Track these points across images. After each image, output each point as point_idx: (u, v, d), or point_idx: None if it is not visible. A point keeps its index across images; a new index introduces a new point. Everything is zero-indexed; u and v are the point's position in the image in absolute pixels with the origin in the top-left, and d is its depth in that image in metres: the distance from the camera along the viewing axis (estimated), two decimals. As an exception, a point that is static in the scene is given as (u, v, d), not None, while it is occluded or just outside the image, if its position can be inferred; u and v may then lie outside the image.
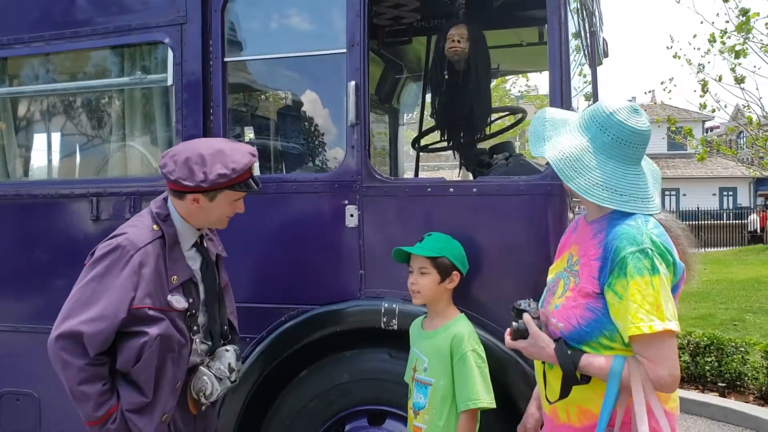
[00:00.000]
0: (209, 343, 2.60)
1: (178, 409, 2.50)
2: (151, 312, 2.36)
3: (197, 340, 2.54)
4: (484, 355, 2.72)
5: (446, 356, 2.70)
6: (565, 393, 2.11)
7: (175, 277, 2.44)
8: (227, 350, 2.60)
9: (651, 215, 2.10)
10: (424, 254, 2.76)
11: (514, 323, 2.21)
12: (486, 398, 2.64)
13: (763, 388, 6.02)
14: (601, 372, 2.03)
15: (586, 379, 2.08)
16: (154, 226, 2.46)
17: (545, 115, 2.23)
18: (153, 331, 2.35)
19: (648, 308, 1.95)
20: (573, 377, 2.07)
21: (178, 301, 2.44)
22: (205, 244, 2.64)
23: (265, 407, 3.27)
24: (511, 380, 2.89)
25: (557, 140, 2.14)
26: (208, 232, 2.71)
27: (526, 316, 2.19)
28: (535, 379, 2.46)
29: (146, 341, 2.35)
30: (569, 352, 2.09)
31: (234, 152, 2.47)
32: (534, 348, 2.17)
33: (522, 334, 2.19)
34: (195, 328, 2.51)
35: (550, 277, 2.37)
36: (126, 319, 2.32)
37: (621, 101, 2.12)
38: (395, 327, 3.03)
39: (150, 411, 2.40)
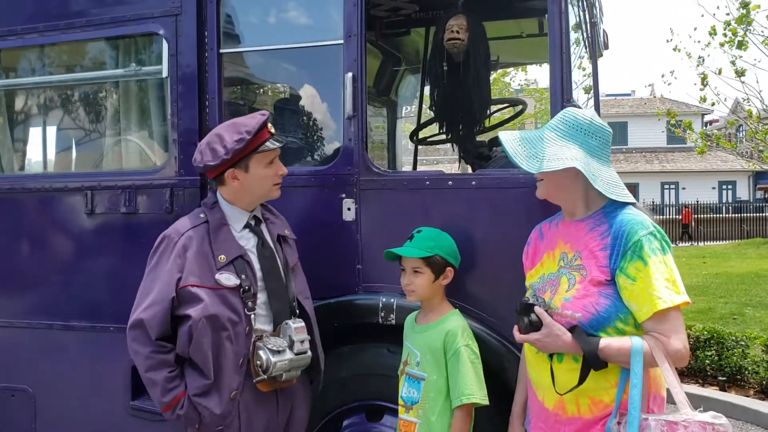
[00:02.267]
0: (272, 320, 2.68)
1: (249, 389, 2.60)
2: (196, 290, 2.51)
3: (254, 316, 2.60)
4: (477, 350, 2.70)
5: (440, 351, 2.69)
6: (583, 379, 2.16)
7: (223, 256, 2.58)
8: (287, 324, 2.67)
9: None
10: (416, 255, 2.73)
11: (525, 318, 2.23)
12: (479, 394, 2.62)
13: (764, 382, 6.00)
14: (621, 352, 2.10)
15: (604, 363, 2.14)
16: (201, 215, 2.66)
17: (513, 136, 2.36)
18: (197, 313, 2.49)
19: (666, 284, 2.11)
20: (595, 359, 2.13)
21: (228, 279, 2.56)
22: (261, 226, 2.76)
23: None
24: (511, 375, 2.85)
25: (555, 151, 2.23)
26: (270, 215, 2.84)
27: (538, 308, 2.22)
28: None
29: (191, 324, 2.49)
30: (587, 336, 2.16)
31: (244, 119, 2.65)
32: (549, 338, 2.20)
33: (535, 326, 2.21)
34: (250, 304, 2.59)
35: (532, 281, 2.43)
36: (176, 299, 2.51)
37: (585, 110, 2.38)
38: (393, 322, 3.00)
39: (216, 391, 2.53)
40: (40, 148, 4.11)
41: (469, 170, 4.14)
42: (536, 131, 2.36)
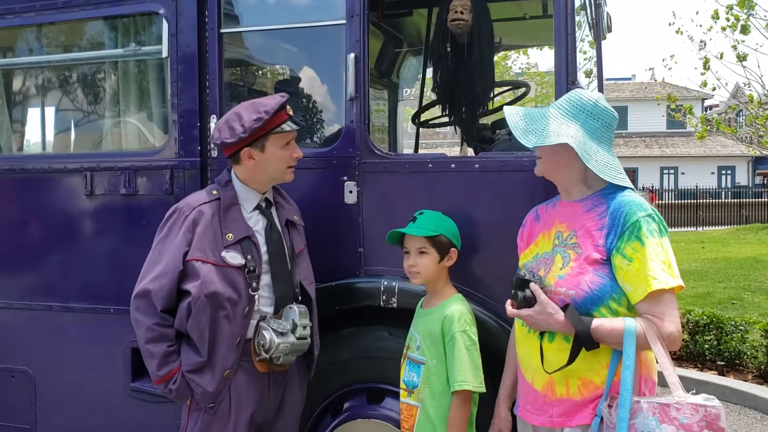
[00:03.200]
0: (274, 302, 2.69)
1: (242, 369, 2.62)
2: (201, 265, 2.53)
3: (257, 297, 2.62)
4: (475, 337, 2.68)
5: (438, 336, 2.68)
6: (573, 358, 2.16)
7: (231, 234, 2.59)
8: (291, 308, 2.68)
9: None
10: (423, 234, 2.72)
11: (519, 293, 2.23)
12: (473, 381, 2.60)
13: (762, 367, 6.02)
14: (613, 333, 2.12)
15: (595, 345, 2.14)
16: (214, 191, 2.67)
17: (517, 111, 2.36)
18: (197, 289, 2.50)
19: (662, 267, 2.12)
20: (588, 339, 2.13)
21: (234, 257, 2.57)
22: (271, 209, 2.77)
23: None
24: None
25: (555, 128, 2.23)
26: (281, 199, 2.85)
27: (533, 285, 2.22)
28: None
29: (191, 300, 2.51)
30: (580, 316, 2.16)
31: (264, 100, 2.67)
32: (542, 315, 2.20)
33: (529, 302, 2.22)
34: (254, 285, 2.59)
35: (526, 260, 2.43)
36: (183, 272, 2.53)
37: (592, 92, 2.37)
38: (395, 305, 2.99)
39: (210, 369, 2.56)
40: (39, 129, 4.08)
41: (471, 153, 4.12)
42: (542, 108, 2.36)
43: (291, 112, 2.69)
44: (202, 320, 2.51)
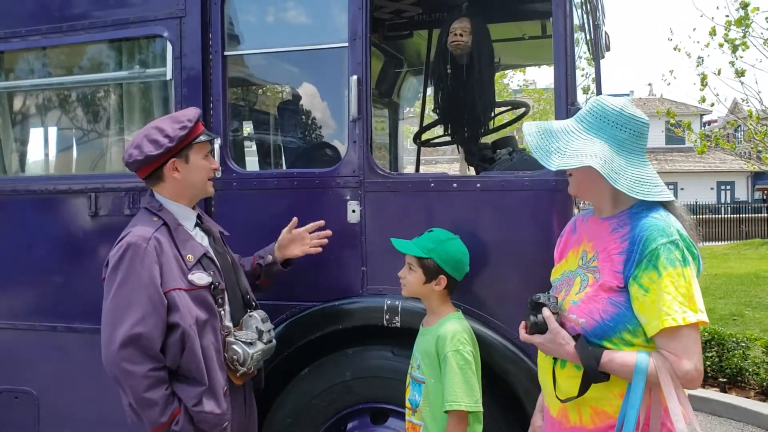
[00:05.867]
0: (232, 314, 2.68)
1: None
2: (178, 294, 2.45)
3: (222, 312, 2.61)
4: (469, 356, 2.62)
5: (434, 356, 2.67)
6: (583, 391, 2.05)
7: (190, 255, 2.54)
8: (251, 315, 2.68)
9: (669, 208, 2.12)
10: (410, 252, 2.72)
11: (531, 317, 2.14)
12: (465, 400, 2.55)
13: (764, 384, 6.00)
14: (624, 369, 1.99)
15: (606, 375, 2.03)
16: (153, 218, 2.56)
17: (533, 128, 2.19)
18: (185, 321, 2.43)
19: (681, 300, 1.95)
20: (595, 374, 2.02)
21: (200, 278, 2.53)
22: (204, 223, 2.75)
23: (266, 405, 3.24)
24: (515, 379, 2.86)
25: (577, 146, 2.08)
26: (202, 214, 2.81)
27: (545, 310, 2.11)
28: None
29: (183, 332, 2.44)
30: (590, 348, 2.04)
31: (178, 113, 2.65)
32: (552, 344, 2.10)
33: (540, 328, 2.11)
34: (220, 300, 2.59)
35: (554, 277, 2.33)
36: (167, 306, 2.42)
37: (618, 97, 2.14)
38: (398, 324, 3.00)
39: (212, 393, 2.49)
40: (44, 151, 4.10)
41: (471, 172, 4.14)
42: (564, 122, 2.21)
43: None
44: (197, 348, 2.45)
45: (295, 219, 3.03)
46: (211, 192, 2.76)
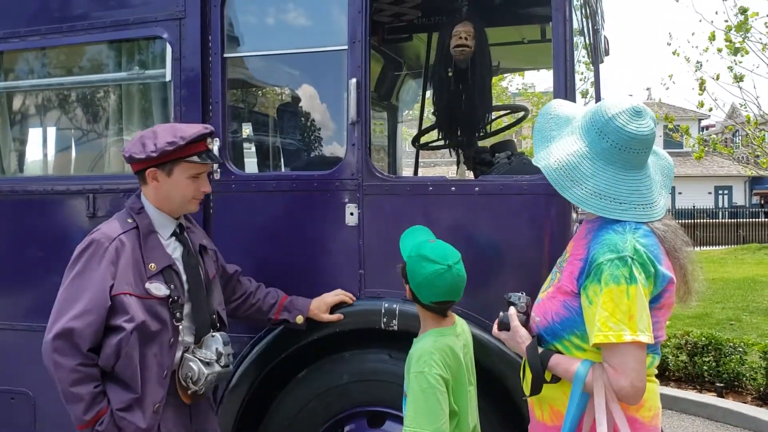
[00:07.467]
0: (194, 332, 2.62)
1: (169, 401, 2.52)
2: (129, 299, 2.41)
3: (181, 328, 2.55)
4: (434, 380, 2.32)
5: (408, 372, 2.52)
6: (535, 390, 2.14)
7: (153, 264, 2.49)
8: (213, 336, 2.62)
9: (643, 223, 2.05)
10: (401, 251, 2.57)
11: (501, 313, 2.25)
12: (425, 426, 2.28)
13: (761, 389, 6.02)
14: (567, 375, 2.06)
15: (555, 378, 2.09)
16: (129, 219, 2.55)
17: (551, 110, 2.19)
18: (128, 325, 2.39)
19: (620, 317, 1.92)
20: (540, 376, 2.10)
21: (158, 288, 2.48)
22: (186, 235, 2.68)
23: (263, 408, 3.23)
24: (512, 383, 2.84)
25: (557, 145, 2.11)
26: (189, 224, 2.76)
27: (511, 309, 2.23)
28: None
29: (122, 337, 2.39)
30: (540, 351, 2.11)
31: (186, 126, 2.59)
32: (512, 342, 2.22)
33: (506, 326, 2.23)
34: (178, 315, 2.52)
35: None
36: (110, 308, 2.39)
37: (623, 102, 2.05)
38: (395, 327, 3.00)
39: (140, 405, 2.43)
40: (42, 151, 4.10)
41: (470, 175, 4.15)
42: (576, 109, 2.21)
43: (212, 146, 2.64)
44: (135, 356, 2.40)
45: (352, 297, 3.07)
46: (193, 210, 2.69)
